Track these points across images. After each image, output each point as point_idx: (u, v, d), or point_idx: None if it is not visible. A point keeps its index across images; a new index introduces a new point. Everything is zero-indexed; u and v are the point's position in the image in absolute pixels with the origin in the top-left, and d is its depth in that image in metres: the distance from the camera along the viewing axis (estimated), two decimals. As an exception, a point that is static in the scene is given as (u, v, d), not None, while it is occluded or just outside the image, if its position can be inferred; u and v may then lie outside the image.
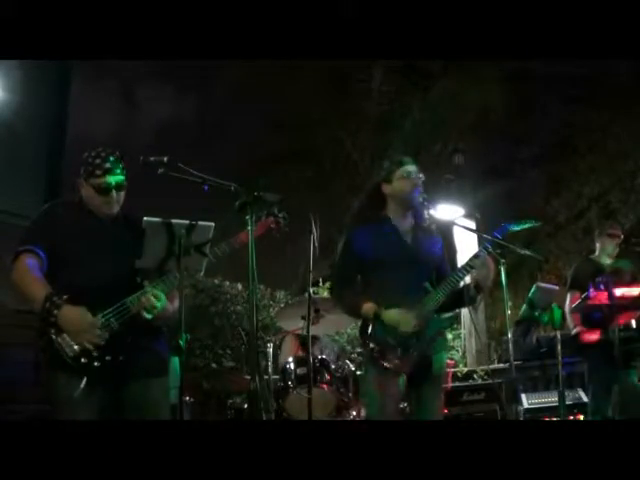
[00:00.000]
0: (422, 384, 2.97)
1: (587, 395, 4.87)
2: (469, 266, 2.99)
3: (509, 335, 3.25)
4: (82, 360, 2.40)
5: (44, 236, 2.62)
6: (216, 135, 9.49)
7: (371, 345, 2.90)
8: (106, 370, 2.44)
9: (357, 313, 3.03)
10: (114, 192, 2.64)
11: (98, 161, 2.62)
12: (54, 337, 2.41)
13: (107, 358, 2.43)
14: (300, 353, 4.84)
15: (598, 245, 4.81)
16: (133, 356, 2.50)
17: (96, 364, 2.41)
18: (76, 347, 2.40)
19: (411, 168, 3.12)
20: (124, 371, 2.49)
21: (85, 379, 2.39)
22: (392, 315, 2.90)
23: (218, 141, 9.36)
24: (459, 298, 3.03)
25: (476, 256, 2.99)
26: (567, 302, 4.67)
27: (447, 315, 3.11)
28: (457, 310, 3.02)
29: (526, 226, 3.09)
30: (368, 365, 2.98)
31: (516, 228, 3.07)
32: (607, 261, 4.73)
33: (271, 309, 8.42)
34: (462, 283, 3.06)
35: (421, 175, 3.11)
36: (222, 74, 8.68)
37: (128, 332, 2.49)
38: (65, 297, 2.43)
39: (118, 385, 2.52)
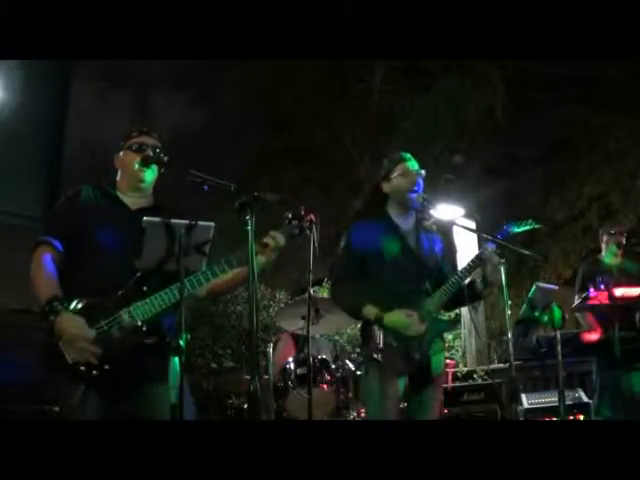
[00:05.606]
0: (421, 385, 2.95)
1: (588, 395, 4.87)
2: (471, 266, 2.98)
3: (509, 335, 3.24)
4: (81, 368, 2.32)
5: (63, 226, 2.53)
6: (216, 135, 9.48)
7: (372, 347, 2.88)
8: (106, 379, 2.35)
9: (357, 314, 3.01)
10: (151, 159, 2.57)
11: (136, 131, 2.67)
12: (57, 340, 2.33)
13: (106, 367, 2.34)
14: (294, 353, 4.85)
15: (603, 245, 4.80)
16: (134, 363, 2.39)
17: (94, 373, 2.33)
18: (73, 356, 2.32)
19: (410, 165, 3.09)
20: (125, 379, 2.39)
21: (83, 387, 2.32)
22: (395, 318, 2.86)
23: (218, 141, 9.36)
24: (461, 297, 3.01)
25: (478, 256, 2.98)
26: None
27: (448, 318, 3.11)
28: (458, 310, 3.02)
29: (527, 228, 3.07)
30: (369, 366, 2.96)
31: (517, 230, 3.06)
32: (613, 261, 4.72)
33: (271, 309, 8.44)
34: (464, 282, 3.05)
35: (422, 171, 3.09)
36: (222, 74, 8.67)
37: (130, 338, 2.39)
38: (64, 305, 2.34)
39: (120, 394, 2.42)
